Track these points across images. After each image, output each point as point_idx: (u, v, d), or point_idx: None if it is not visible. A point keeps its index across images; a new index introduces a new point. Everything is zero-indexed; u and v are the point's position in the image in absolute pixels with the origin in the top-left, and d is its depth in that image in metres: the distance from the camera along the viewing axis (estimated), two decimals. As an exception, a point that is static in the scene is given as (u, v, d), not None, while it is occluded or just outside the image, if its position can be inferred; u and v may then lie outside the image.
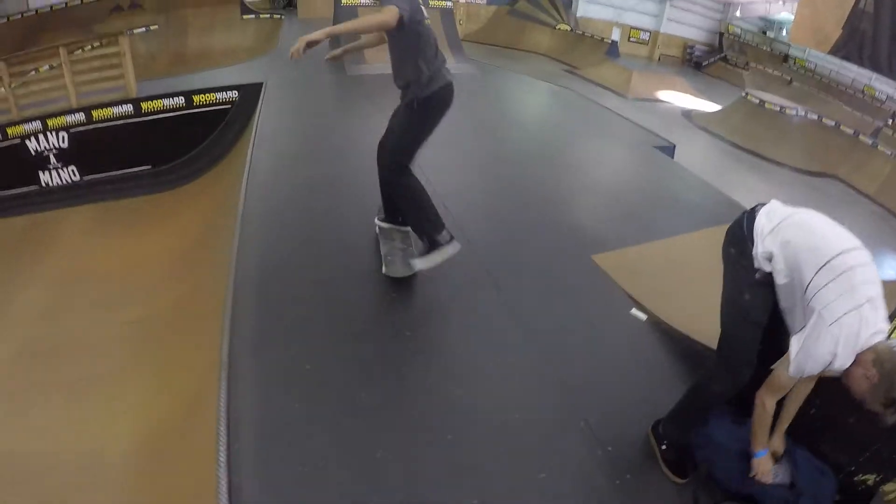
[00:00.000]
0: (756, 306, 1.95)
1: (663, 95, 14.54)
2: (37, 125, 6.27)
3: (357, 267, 3.31)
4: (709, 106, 14.07)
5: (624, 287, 3.39)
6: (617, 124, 7.55)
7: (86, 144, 6.42)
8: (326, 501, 1.96)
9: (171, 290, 4.21)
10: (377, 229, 3.41)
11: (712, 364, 2.12)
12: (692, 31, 21.33)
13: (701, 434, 2.18)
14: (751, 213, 2.02)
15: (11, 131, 6.23)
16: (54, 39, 7.70)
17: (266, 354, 2.59)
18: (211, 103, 6.64)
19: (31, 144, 6.32)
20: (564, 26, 18.73)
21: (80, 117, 6.35)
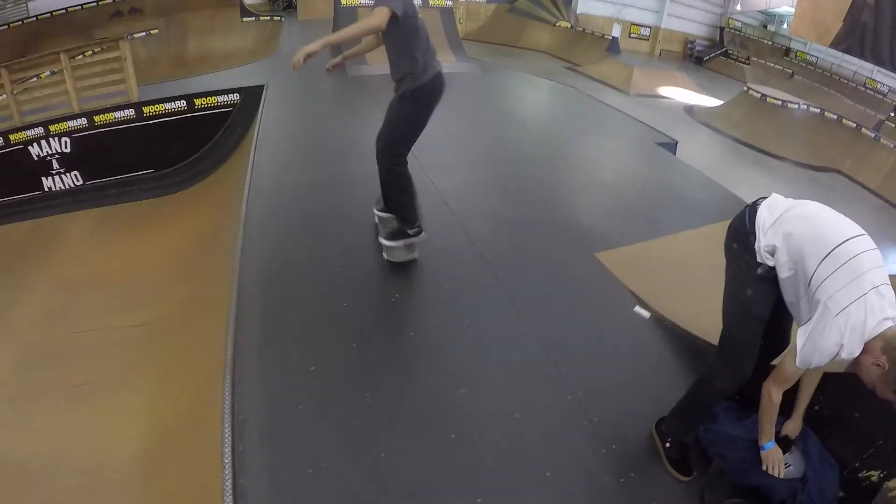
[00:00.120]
0: (758, 301, 1.94)
1: (665, 91, 14.46)
2: (39, 131, 6.32)
3: (360, 268, 3.32)
4: (710, 101, 13.98)
5: (627, 285, 3.38)
6: (618, 121, 7.52)
7: (88, 149, 6.46)
8: (332, 503, 1.96)
9: (175, 294, 4.23)
10: (376, 219, 3.54)
11: (714, 360, 2.10)
12: (693, 26, 21.22)
13: (712, 430, 2.17)
14: (752, 207, 2.00)
15: (14, 137, 6.27)
16: (55, 45, 7.72)
17: (270, 356, 2.59)
18: (213, 106, 6.66)
19: (34, 150, 6.36)
20: (564, 23, 18.67)
21: (83, 122, 6.39)
